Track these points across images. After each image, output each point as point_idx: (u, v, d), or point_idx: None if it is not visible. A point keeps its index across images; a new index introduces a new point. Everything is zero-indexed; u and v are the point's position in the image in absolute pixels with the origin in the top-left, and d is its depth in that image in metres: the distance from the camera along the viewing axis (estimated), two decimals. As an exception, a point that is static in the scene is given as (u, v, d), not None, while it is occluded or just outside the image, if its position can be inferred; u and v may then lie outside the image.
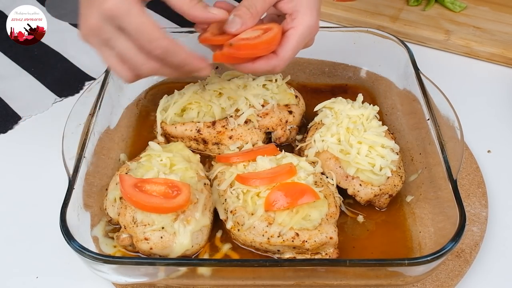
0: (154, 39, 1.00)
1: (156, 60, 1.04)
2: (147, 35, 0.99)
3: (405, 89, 1.41)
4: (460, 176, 1.26)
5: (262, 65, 1.12)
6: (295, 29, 1.11)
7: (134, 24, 0.98)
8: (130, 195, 1.05)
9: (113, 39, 1.02)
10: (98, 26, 1.01)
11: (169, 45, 1.01)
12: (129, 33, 1.00)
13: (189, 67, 1.06)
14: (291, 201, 1.07)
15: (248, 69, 1.13)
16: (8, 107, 1.52)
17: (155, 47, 1.00)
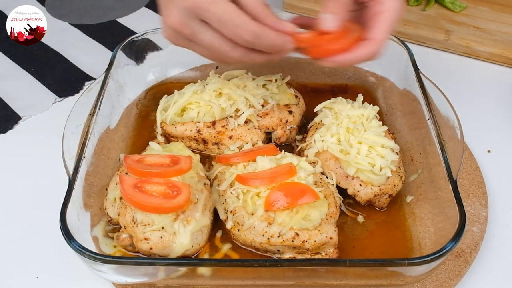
0: (242, 24, 0.99)
1: (243, 46, 1.03)
2: (234, 22, 0.98)
3: (405, 89, 1.41)
4: (460, 176, 1.26)
5: (361, 54, 1.11)
6: (386, 13, 1.10)
7: (219, 13, 0.97)
8: (130, 196, 1.05)
9: (197, 33, 1.01)
10: (181, 23, 1.00)
11: (257, 28, 1.00)
12: (214, 23, 0.99)
13: (278, 48, 1.05)
14: (291, 201, 1.07)
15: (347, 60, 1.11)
16: (8, 107, 1.52)
17: (244, 32, 0.99)
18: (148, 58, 1.51)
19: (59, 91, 1.57)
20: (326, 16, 1.09)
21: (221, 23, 0.99)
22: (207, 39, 1.02)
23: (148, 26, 1.55)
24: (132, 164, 1.11)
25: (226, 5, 0.98)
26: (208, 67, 1.56)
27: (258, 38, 1.01)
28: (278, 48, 1.06)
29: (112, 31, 1.81)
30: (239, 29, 0.99)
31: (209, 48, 1.04)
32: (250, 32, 0.99)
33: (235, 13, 0.99)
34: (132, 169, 1.10)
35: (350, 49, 1.10)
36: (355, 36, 1.11)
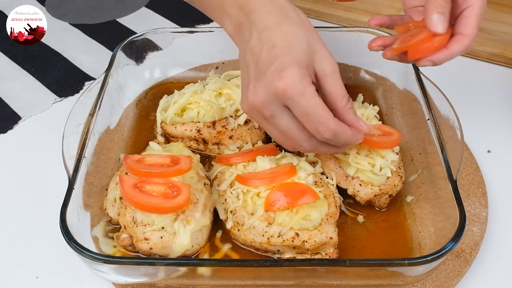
0: (325, 122, 0.97)
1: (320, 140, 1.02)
2: (318, 118, 0.97)
3: (405, 89, 1.41)
4: (460, 176, 1.26)
5: (457, 49, 1.09)
6: (473, 7, 1.08)
7: (306, 106, 0.96)
8: (130, 196, 1.05)
9: (277, 117, 1.00)
10: (264, 103, 0.98)
11: (337, 127, 0.99)
12: (298, 114, 0.98)
13: (350, 144, 1.06)
14: (291, 201, 1.07)
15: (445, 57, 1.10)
16: (8, 107, 1.52)
17: (324, 130, 0.98)
18: (148, 58, 1.52)
19: (59, 91, 1.57)
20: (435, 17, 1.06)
21: (306, 117, 0.98)
22: (284, 124, 1.01)
23: (148, 26, 1.56)
24: (132, 164, 1.11)
25: (313, 99, 0.96)
26: (208, 67, 1.56)
27: (336, 136, 1.00)
28: (349, 146, 1.08)
29: (112, 31, 1.81)
30: (321, 126, 0.98)
31: (283, 133, 1.03)
32: (330, 130, 0.98)
33: (320, 109, 0.97)
34: (132, 169, 1.10)
35: (445, 46, 1.09)
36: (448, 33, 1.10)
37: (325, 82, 1.01)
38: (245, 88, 1.02)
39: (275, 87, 0.95)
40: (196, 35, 1.51)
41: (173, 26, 1.82)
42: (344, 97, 1.03)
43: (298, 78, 0.94)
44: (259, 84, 0.98)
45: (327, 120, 0.98)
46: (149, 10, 1.91)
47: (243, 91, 1.03)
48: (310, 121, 0.98)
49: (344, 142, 1.03)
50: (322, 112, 0.97)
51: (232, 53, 1.53)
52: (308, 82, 0.96)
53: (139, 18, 1.87)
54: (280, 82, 0.94)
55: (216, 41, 1.51)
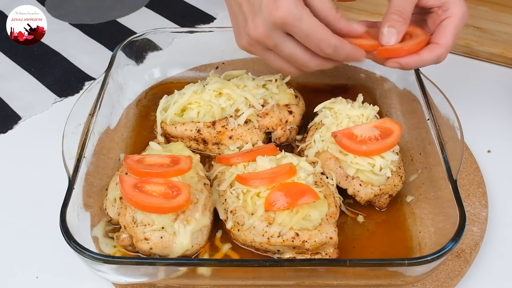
0: (325, 39, 1.04)
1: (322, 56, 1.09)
2: (318, 36, 1.03)
3: (405, 89, 1.41)
4: (460, 176, 1.26)
5: (429, 57, 1.12)
6: (451, 18, 1.11)
7: (305, 28, 1.02)
8: (130, 196, 1.05)
9: (280, 45, 1.06)
10: (266, 34, 1.04)
11: (337, 43, 1.05)
12: (300, 37, 1.04)
13: (352, 58, 1.11)
14: (291, 201, 1.07)
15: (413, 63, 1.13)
16: (8, 107, 1.52)
17: (326, 46, 1.04)
18: (148, 58, 1.52)
19: (59, 91, 1.57)
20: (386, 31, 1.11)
21: (307, 38, 1.04)
22: (289, 50, 1.07)
23: (148, 26, 1.56)
24: (132, 164, 1.11)
25: (311, 21, 1.03)
26: (208, 67, 1.56)
27: (337, 50, 1.06)
28: (351, 59, 1.12)
29: (112, 31, 1.81)
30: (322, 43, 1.04)
31: (289, 58, 1.10)
32: (332, 46, 1.05)
33: (319, 28, 1.03)
34: (132, 169, 1.10)
35: (417, 52, 1.12)
36: (421, 39, 1.12)
37: (313, 1, 1.06)
38: (242, 25, 1.07)
39: (273, 17, 1.01)
40: (196, 35, 1.51)
41: (173, 26, 1.82)
42: (333, 9, 1.08)
43: (293, 4, 1.00)
44: (257, 18, 1.03)
45: (327, 37, 1.04)
46: (149, 10, 1.91)
47: (240, 29, 1.09)
48: (312, 41, 1.04)
49: (345, 55, 1.08)
50: (321, 31, 1.04)
51: (232, 53, 1.53)
52: (302, 6, 1.02)
53: (139, 18, 1.87)
54: (277, 12, 1.00)
55: (216, 41, 1.51)
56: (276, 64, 1.12)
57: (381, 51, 1.12)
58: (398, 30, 1.11)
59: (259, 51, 1.10)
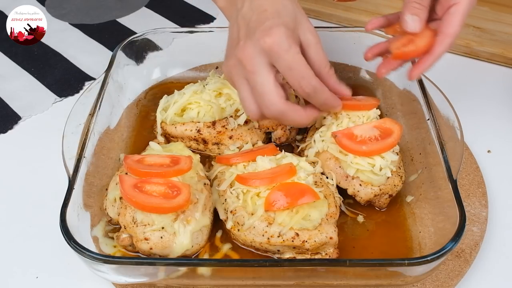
0: (307, 77, 1.04)
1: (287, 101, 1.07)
2: (301, 72, 1.04)
3: (405, 89, 1.41)
4: (460, 176, 1.26)
5: (441, 51, 1.12)
6: (459, 5, 1.11)
7: (290, 61, 1.02)
8: (130, 196, 1.05)
9: (258, 73, 1.04)
10: (250, 57, 1.03)
11: (318, 84, 1.06)
12: (282, 69, 1.04)
13: (328, 106, 1.12)
14: (291, 201, 1.07)
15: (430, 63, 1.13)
16: (8, 107, 1.52)
17: (306, 84, 1.05)
18: (148, 58, 1.52)
19: (59, 91, 1.57)
20: (409, 18, 1.12)
21: (289, 71, 1.03)
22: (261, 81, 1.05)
23: (148, 26, 1.55)
24: (132, 164, 1.11)
25: (297, 56, 1.03)
26: (208, 67, 1.56)
27: (315, 93, 1.07)
28: (328, 107, 1.13)
29: (112, 31, 1.81)
30: (303, 80, 1.04)
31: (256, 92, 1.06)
32: (311, 86, 1.05)
33: (303, 65, 1.04)
34: (132, 169, 1.10)
35: (430, 48, 1.12)
36: (430, 32, 1.13)
37: (309, 52, 1.08)
38: (234, 46, 1.08)
39: (263, 42, 1.02)
40: (196, 35, 1.51)
41: (173, 26, 1.82)
42: (327, 65, 1.11)
43: (285, 36, 1.02)
44: (248, 41, 1.04)
45: (310, 76, 1.05)
46: (149, 10, 1.91)
47: (229, 50, 1.09)
48: (293, 75, 1.04)
49: (323, 102, 1.09)
50: (305, 68, 1.04)
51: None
52: (294, 42, 1.03)
53: (139, 18, 1.87)
54: (268, 38, 1.01)
55: (216, 41, 1.51)
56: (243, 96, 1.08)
57: (397, 54, 1.13)
58: (420, 17, 1.11)
59: (237, 75, 1.07)
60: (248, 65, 1.04)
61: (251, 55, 1.03)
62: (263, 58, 1.03)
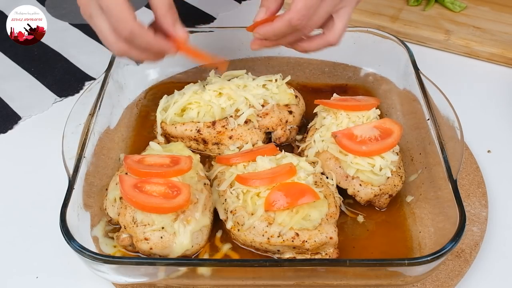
0: (122, 20, 1.06)
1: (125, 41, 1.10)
2: (116, 16, 1.06)
3: (405, 89, 1.41)
4: (460, 176, 1.26)
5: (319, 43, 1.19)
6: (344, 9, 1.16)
7: (108, 3, 1.05)
8: (130, 196, 1.05)
9: (94, 16, 1.09)
10: (85, 2, 1.09)
11: (135, 27, 1.07)
12: (104, 11, 1.07)
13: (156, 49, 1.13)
14: (291, 201, 1.07)
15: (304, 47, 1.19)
16: (8, 107, 1.52)
17: (122, 28, 1.07)
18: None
19: (59, 91, 1.57)
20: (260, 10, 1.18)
21: (107, 13, 1.07)
22: (99, 24, 1.10)
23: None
24: (132, 165, 1.11)
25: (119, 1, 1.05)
26: (208, 67, 1.56)
27: (134, 36, 1.08)
28: (155, 50, 1.14)
29: (112, 31, 1.80)
30: (119, 23, 1.07)
31: (99, 34, 1.12)
32: (126, 29, 1.07)
33: (121, 8, 1.06)
34: (132, 169, 1.10)
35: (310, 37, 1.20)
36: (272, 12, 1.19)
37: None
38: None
39: None
40: (196, 35, 1.50)
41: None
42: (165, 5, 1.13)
43: None
44: None
45: (127, 19, 1.06)
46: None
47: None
48: (111, 19, 1.07)
49: (146, 46, 1.11)
50: (121, 11, 1.06)
51: (232, 53, 1.53)
52: None
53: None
54: None
55: (216, 41, 1.51)
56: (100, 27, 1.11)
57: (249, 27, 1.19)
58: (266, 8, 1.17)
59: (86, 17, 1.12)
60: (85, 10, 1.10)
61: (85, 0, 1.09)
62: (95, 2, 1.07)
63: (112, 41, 1.11)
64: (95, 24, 1.11)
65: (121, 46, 1.11)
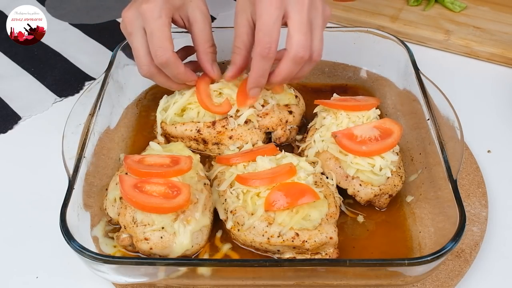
0: (163, 47, 1.16)
1: (156, 67, 1.20)
2: (159, 42, 1.15)
3: (405, 89, 1.41)
4: (460, 176, 1.26)
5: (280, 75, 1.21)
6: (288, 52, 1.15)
7: (154, 28, 1.15)
8: (130, 196, 1.05)
9: (134, 35, 1.19)
10: (130, 20, 1.19)
11: (172, 57, 1.17)
12: (148, 33, 1.17)
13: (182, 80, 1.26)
14: (291, 201, 1.07)
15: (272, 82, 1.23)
16: (8, 107, 1.52)
17: (161, 54, 1.16)
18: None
19: (59, 91, 1.57)
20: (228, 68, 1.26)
21: (151, 37, 1.17)
22: (136, 43, 1.20)
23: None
24: (132, 165, 1.11)
25: (163, 27, 1.16)
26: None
27: (168, 65, 1.19)
28: (180, 81, 1.26)
29: (112, 31, 1.80)
30: (159, 50, 1.16)
31: (135, 52, 1.22)
32: (165, 58, 1.17)
33: (165, 36, 1.16)
34: (132, 169, 1.10)
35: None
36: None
37: (194, 27, 1.24)
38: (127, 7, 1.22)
39: (140, 7, 1.16)
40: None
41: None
42: (208, 43, 1.25)
43: (159, 6, 1.16)
44: (132, 6, 1.20)
45: (167, 48, 1.16)
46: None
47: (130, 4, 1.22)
48: (153, 43, 1.16)
49: (175, 75, 1.22)
50: (165, 39, 1.16)
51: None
52: (167, 14, 1.17)
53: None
54: (144, 5, 1.16)
55: (216, 41, 1.51)
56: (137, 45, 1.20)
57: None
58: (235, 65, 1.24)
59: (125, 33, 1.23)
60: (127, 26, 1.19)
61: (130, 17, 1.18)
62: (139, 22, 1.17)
63: (145, 62, 1.20)
64: (134, 42, 1.20)
65: (152, 70, 1.21)
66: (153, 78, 1.25)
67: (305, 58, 1.13)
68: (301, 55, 1.12)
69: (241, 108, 1.30)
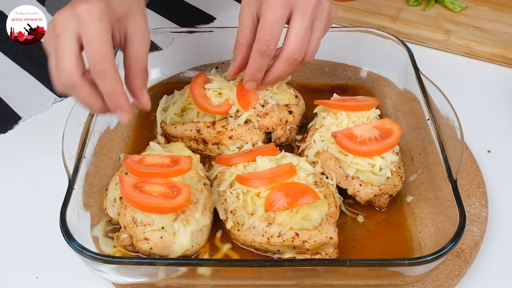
0: (104, 55, 0.98)
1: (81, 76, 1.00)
2: (99, 48, 0.98)
3: (405, 89, 1.41)
4: (460, 176, 1.26)
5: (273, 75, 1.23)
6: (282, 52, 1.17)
7: (94, 32, 0.98)
8: (130, 196, 1.05)
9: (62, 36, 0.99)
10: (62, 19, 1.00)
11: (110, 70, 0.99)
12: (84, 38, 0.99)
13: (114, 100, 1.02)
14: (291, 201, 1.07)
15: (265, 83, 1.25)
16: (8, 107, 1.52)
17: (100, 61, 0.98)
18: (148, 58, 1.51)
19: (59, 91, 1.57)
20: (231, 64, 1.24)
21: (88, 43, 0.99)
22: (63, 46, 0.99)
23: (148, 26, 1.55)
24: (132, 165, 1.11)
25: (104, 33, 0.99)
26: (208, 67, 1.56)
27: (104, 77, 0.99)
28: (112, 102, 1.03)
29: (112, 31, 1.80)
30: (97, 57, 0.98)
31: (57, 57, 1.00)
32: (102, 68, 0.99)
33: (105, 44, 0.98)
34: (132, 169, 1.10)
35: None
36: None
37: (130, 46, 1.07)
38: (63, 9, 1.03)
39: (76, 8, 0.98)
40: (196, 35, 1.51)
41: (173, 26, 1.82)
42: (141, 67, 1.08)
43: (101, 10, 0.98)
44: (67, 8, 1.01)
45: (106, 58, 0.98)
46: (149, 10, 1.91)
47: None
48: (92, 48, 0.98)
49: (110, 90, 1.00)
50: (107, 46, 0.98)
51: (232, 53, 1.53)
52: (108, 20, 0.99)
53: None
54: (83, 5, 0.98)
55: (216, 41, 1.51)
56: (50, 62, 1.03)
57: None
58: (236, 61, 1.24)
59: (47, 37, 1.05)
60: (57, 26, 1.00)
61: (63, 17, 0.99)
62: (73, 23, 0.98)
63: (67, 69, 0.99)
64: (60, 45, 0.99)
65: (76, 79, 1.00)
66: (72, 91, 1.01)
67: (298, 60, 1.16)
68: (295, 57, 1.15)
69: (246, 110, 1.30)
